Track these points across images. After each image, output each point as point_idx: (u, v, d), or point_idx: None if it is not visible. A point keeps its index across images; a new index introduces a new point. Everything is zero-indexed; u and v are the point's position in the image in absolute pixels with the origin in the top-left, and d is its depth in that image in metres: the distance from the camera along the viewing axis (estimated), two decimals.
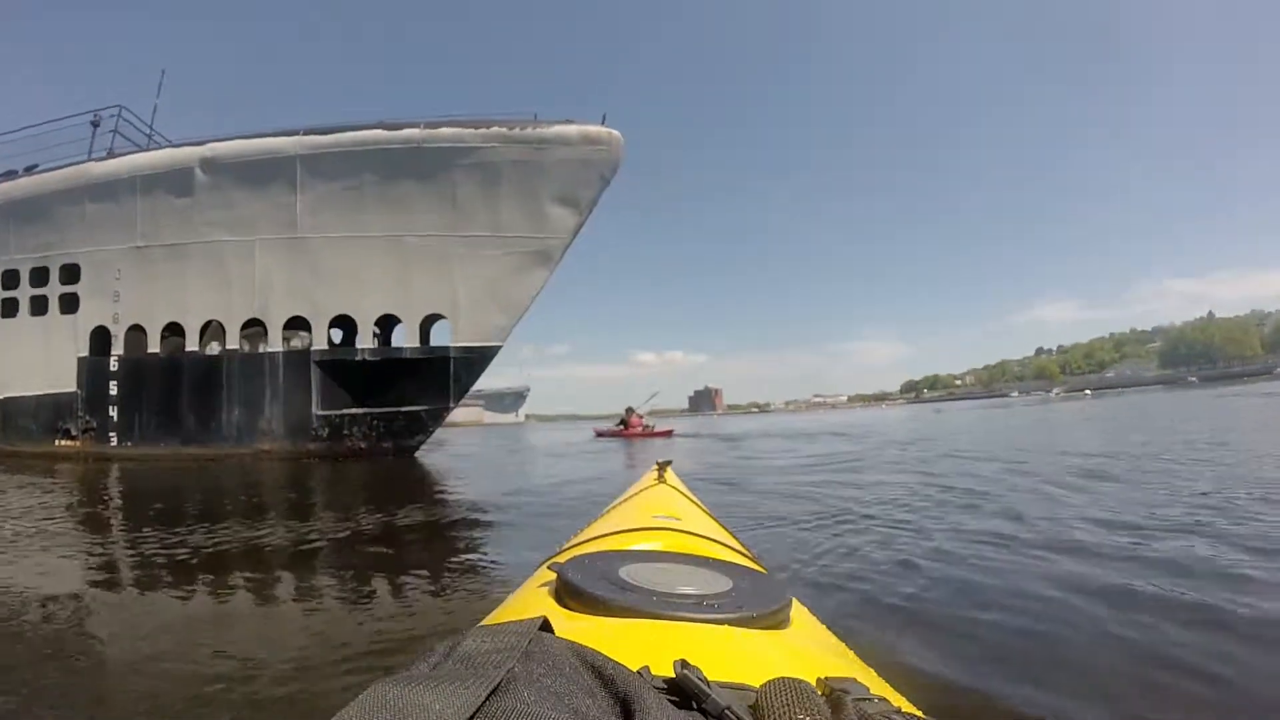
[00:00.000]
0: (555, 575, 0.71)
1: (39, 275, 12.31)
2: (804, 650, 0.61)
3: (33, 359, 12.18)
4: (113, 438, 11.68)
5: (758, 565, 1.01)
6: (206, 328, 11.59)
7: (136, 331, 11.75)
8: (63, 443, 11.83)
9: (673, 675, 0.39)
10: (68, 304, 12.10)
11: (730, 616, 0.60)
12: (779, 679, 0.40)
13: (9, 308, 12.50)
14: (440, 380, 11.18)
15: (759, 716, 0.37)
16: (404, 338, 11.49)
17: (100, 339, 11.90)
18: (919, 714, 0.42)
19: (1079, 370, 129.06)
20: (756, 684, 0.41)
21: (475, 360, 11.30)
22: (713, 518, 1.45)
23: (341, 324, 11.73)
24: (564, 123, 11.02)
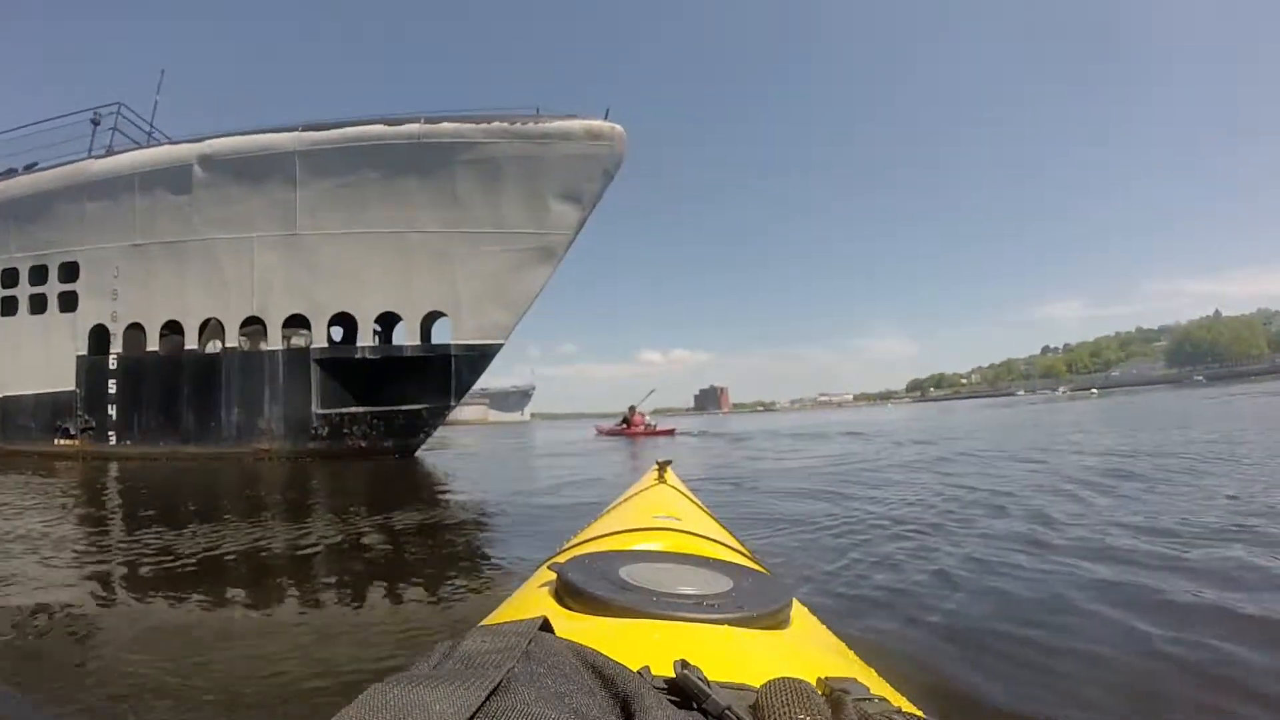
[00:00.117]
0: (555, 575, 0.72)
1: (38, 273, 12.24)
2: (804, 650, 0.61)
3: (32, 358, 12.12)
4: (111, 437, 11.60)
5: (758, 565, 1.00)
6: (205, 326, 11.49)
7: (135, 330, 11.65)
8: (61, 442, 11.75)
9: (673, 675, 0.39)
10: (66, 302, 12.03)
11: (730, 616, 0.60)
12: (779, 679, 0.39)
13: (8, 306, 12.44)
14: (441, 379, 11.04)
15: (759, 716, 0.36)
16: (405, 336, 11.37)
17: (99, 338, 11.82)
18: (919, 714, 0.42)
19: (1085, 369, 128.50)
20: (757, 684, 0.41)
21: (477, 358, 11.15)
22: (713, 518, 1.44)
23: (342, 322, 11.61)
24: (566, 117, 10.88)
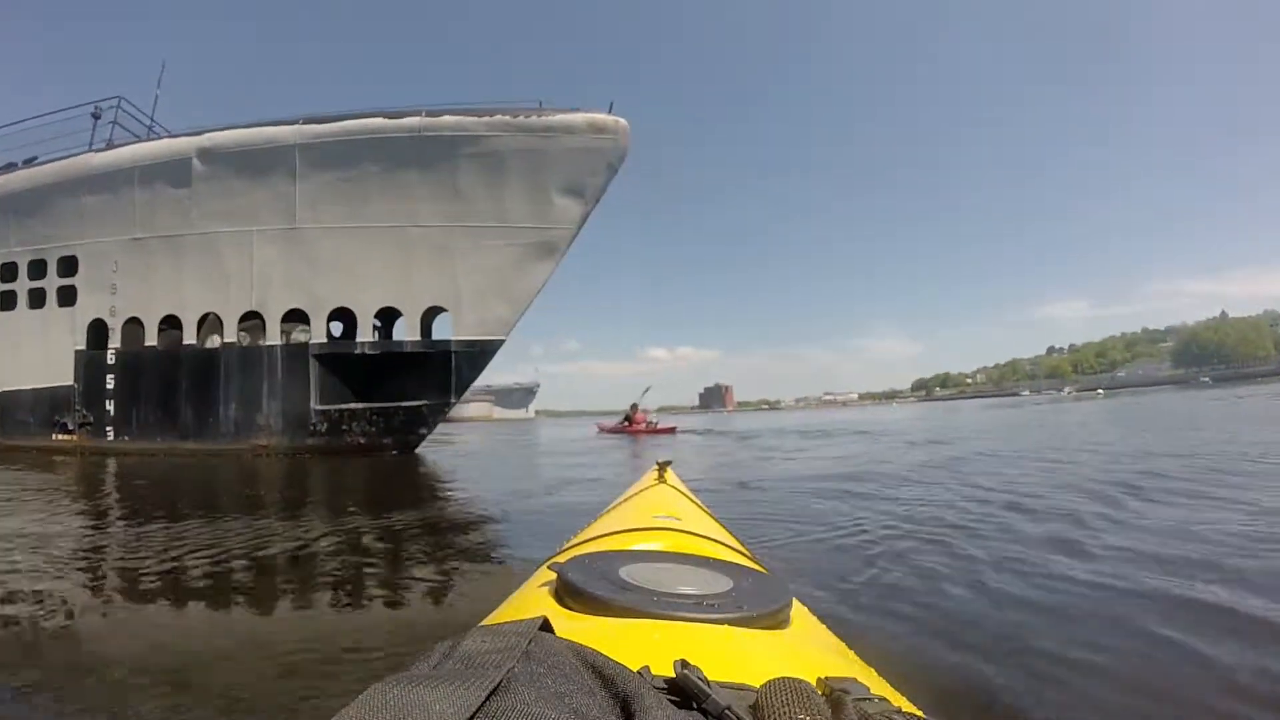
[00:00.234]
0: (555, 575, 0.71)
1: (37, 268, 12.14)
2: (804, 650, 0.61)
3: (30, 352, 12.03)
4: (109, 432, 11.49)
5: (758, 565, 0.99)
6: (204, 321, 11.36)
7: (134, 324, 11.54)
8: (59, 437, 11.65)
9: (673, 675, 0.39)
10: (65, 297, 11.92)
11: (730, 616, 0.60)
12: (779, 679, 0.39)
13: (6, 301, 12.35)
14: (441, 375, 10.88)
15: (759, 716, 0.36)
16: (405, 331, 11.21)
17: (97, 332, 11.71)
18: (919, 714, 0.42)
19: (1091, 369, 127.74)
20: (757, 684, 0.41)
21: (478, 354, 10.98)
22: (713, 518, 1.43)
23: (341, 317, 11.47)
24: (569, 110, 10.70)
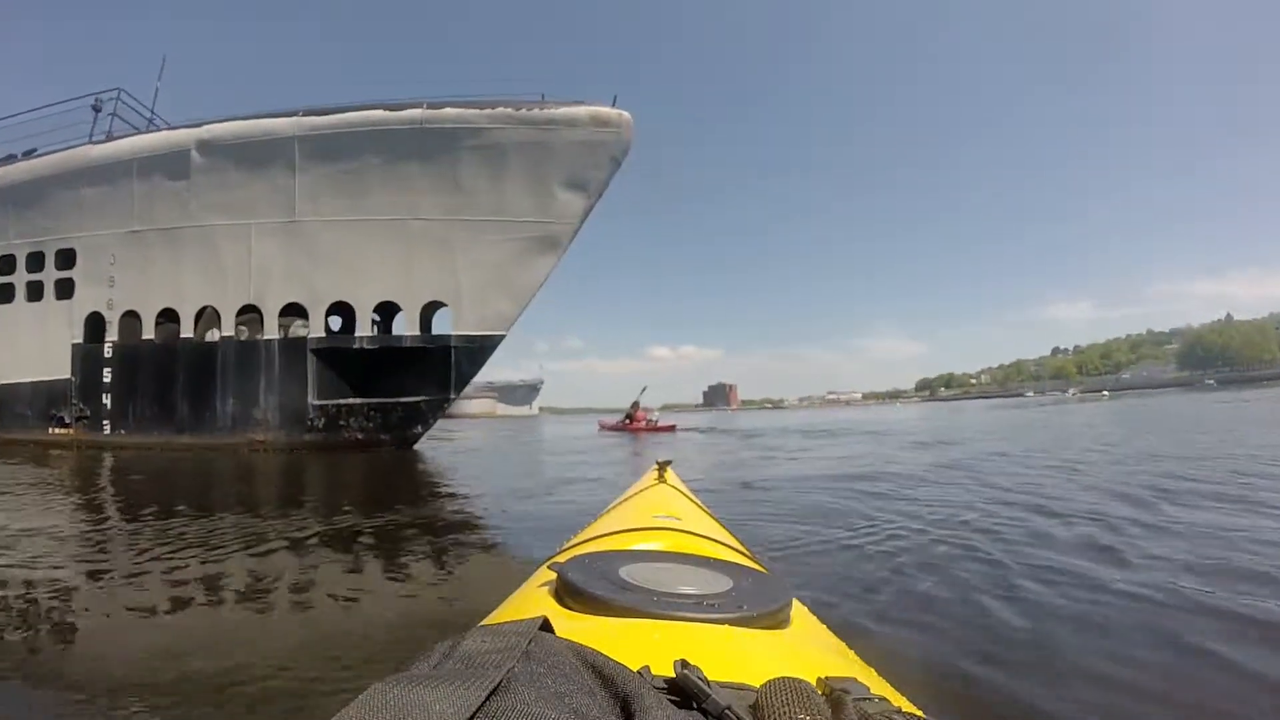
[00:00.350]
0: (555, 575, 0.71)
1: (35, 260, 12.06)
2: (804, 650, 0.61)
3: (28, 345, 11.94)
4: (106, 426, 11.39)
5: (758, 565, 0.99)
6: (202, 314, 11.25)
7: (131, 318, 11.44)
8: (56, 430, 11.56)
9: (673, 675, 0.39)
10: (63, 289, 11.83)
11: (730, 616, 0.60)
12: (779, 679, 0.39)
13: (4, 293, 12.26)
14: (441, 370, 10.75)
15: (759, 716, 0.36)
16: (405, 326, 11.09)
17: (95, 325, 11.61)
18: (919, 714, 0.42)
19: (1095, 371, 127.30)
20: (757, 684, 0.41)
21: (477, 350, 10.85)
22: (713, 518, 1.43)
23: (340, 311, 11.34)
24: (573, 104, 10.57)
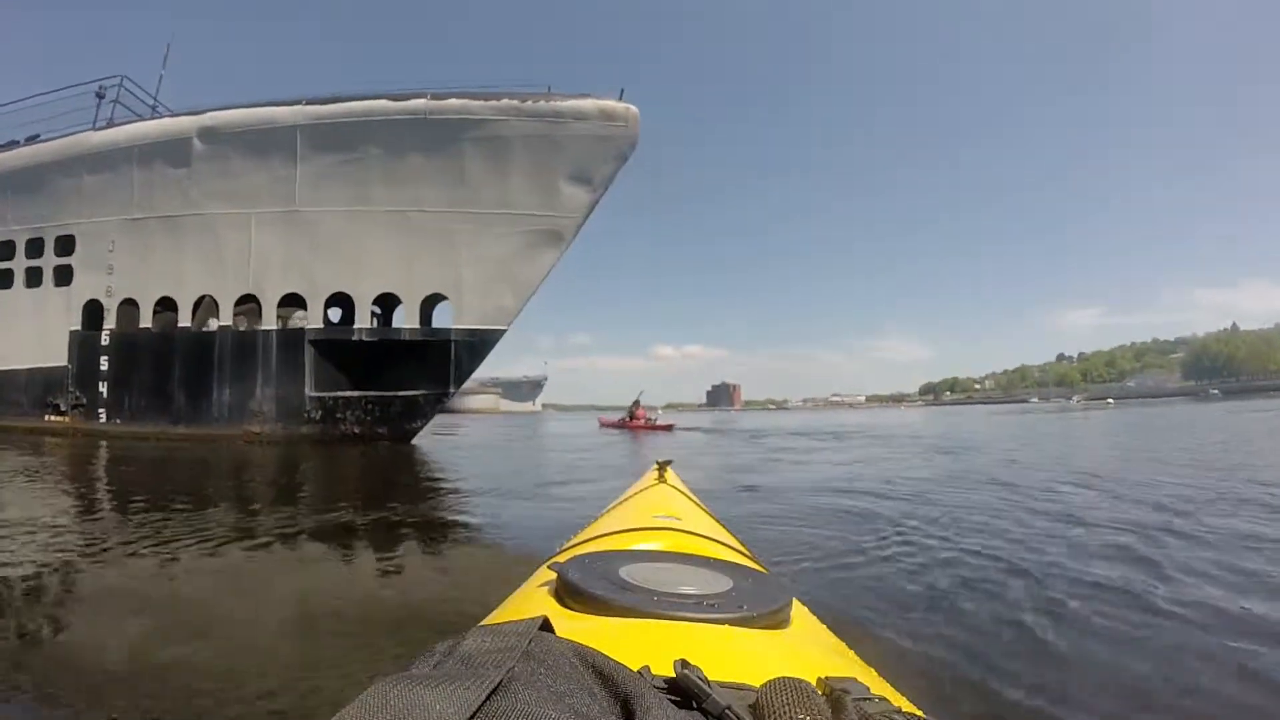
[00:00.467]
0: (555, 575, 0.71)
1: (34, 246, 11.97)
2: (804, 650, 0.61)
3: (26, 332, 11.86)
4: (102, 414, 11.29)
5: (758, 565, 0.98)
6: (200, 303, 11.13)
7: (129, 305, 11.33)
8: (52, 418, 11.47)
9: (673, 675, 0.39)
10: (62, 276, 11.74)
11: (730, 616, 0.60)
12: (779, 679, 0.39)
13: (4, 279, 12.18)
14: (440, 364, 10.61)
15: (759, 716, 0.36)
16: (405, 319, 10.96)
17: (92, 313, 11.52)
18: (919, 714, 0.42)
19: (1100, 378, 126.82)
20: (757, 684, 0.41)
21: (478, 344, 10.71)
22: (713, 518, 1.42)
23: (341, 303, 11.21)
24: (579, 97, 10.42)
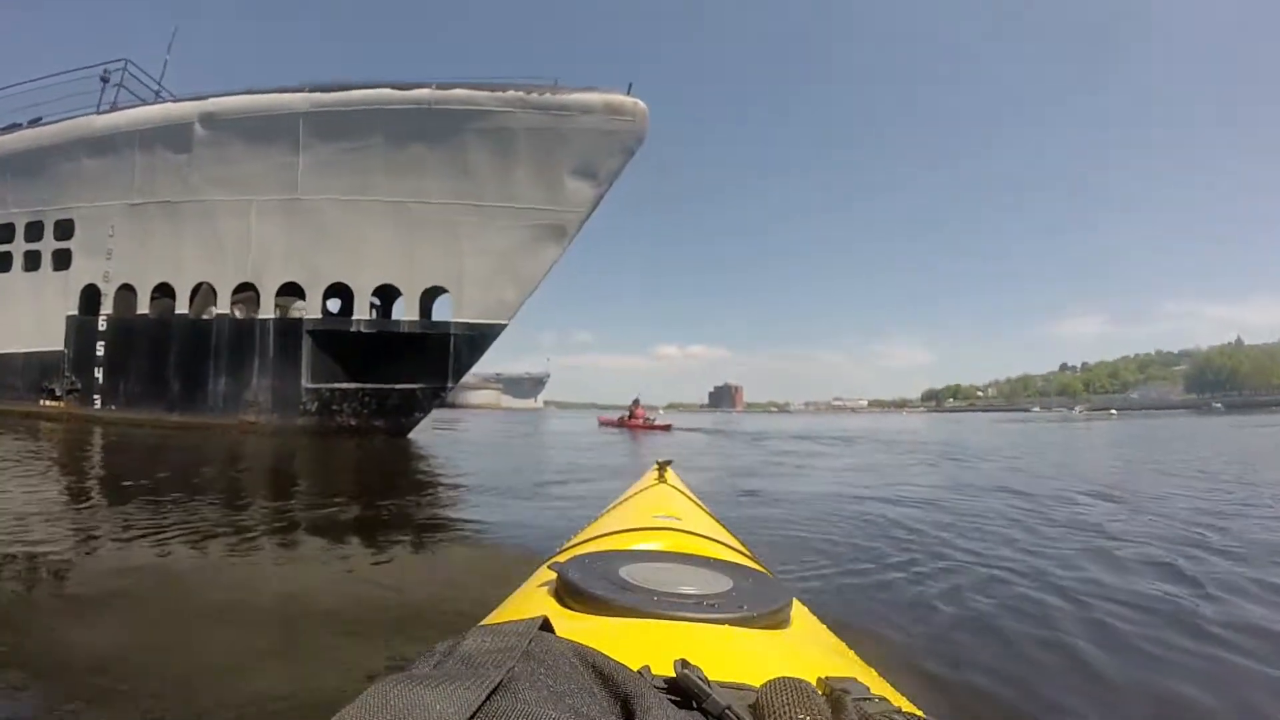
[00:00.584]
0: (556, 575, 0.71)
1: (34, 230, 11.88)
2: (804, 650, 0.61)
3: (23, 316, 11.78)
4: (97, 401, 11.19)
5: (758, 565, 0.98)
6: (198, 291, 11.02)
7: (126, 291, 11.23)
8: (46, 403, 11.38)
9: (673, 675, 0.39)
10: (61, 260, 11.65)
11: (731, 616, 0.59)
12: (779, 679, 0.39)
13: (3, 262, 12.09)
14: (439, 358, 10.48)
15: (759, 716, 0.36)
16: (404, 311, 10.82)
17: (90, 297, 11.42)
18: (919, 714, 0.42)
19: (1103, 389, 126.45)
20: (757, 684, 0.40)
21: (478, 338, 10.57)
22: (713, 518, 1.42)
23: (339, 293, 11.09)
24: (586, 90, 10.28)
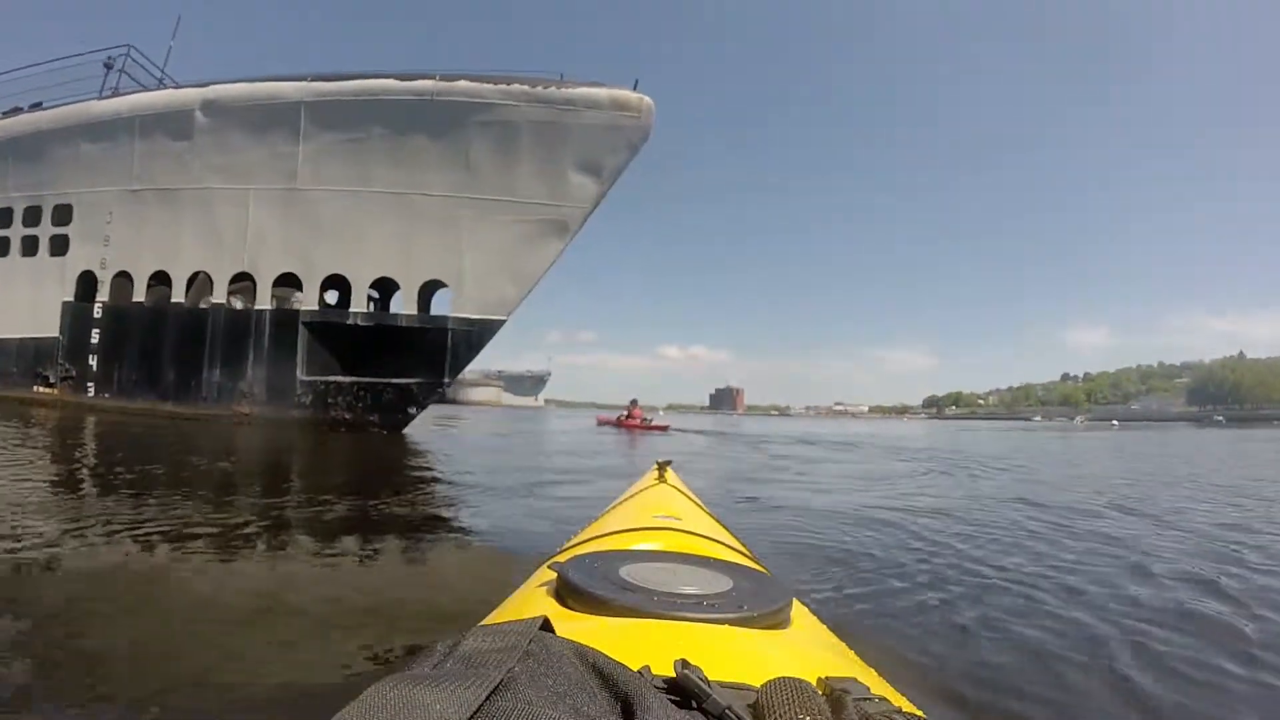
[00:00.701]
0: (556, 575, 0.71)
1: (32, 215, 11.80)
2: (804, 650, 0.61)
3: (19, 301, 11.69)
4: (90, 388, 11.09)
5: (758, 565, 0.98)
6: (194, 279, 10.91)
7: (123, 278, 11.12)
8: (40, 389, 11.28)
9: (673, 675, 0.39)
10: (58, 246, 11.56)
11: (731, 616, 0.59)
12: (780, 679, 0.39)
13: (1, 247, 11.97)
14: (436, 353, 10.34)
15: (759, 716, 0.36)
16: (403, 304, 10.70)
17: (86, 284, 11.32)
18: (919, 714, 0.42)
19: (1105, 400, 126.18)
20: (757, 684, 0.40)
21: (476, 334, 10.42)
22: (713, 518, 1.42)
23: (337, 285, 10.97)
24: (592, 85, 10.15)
